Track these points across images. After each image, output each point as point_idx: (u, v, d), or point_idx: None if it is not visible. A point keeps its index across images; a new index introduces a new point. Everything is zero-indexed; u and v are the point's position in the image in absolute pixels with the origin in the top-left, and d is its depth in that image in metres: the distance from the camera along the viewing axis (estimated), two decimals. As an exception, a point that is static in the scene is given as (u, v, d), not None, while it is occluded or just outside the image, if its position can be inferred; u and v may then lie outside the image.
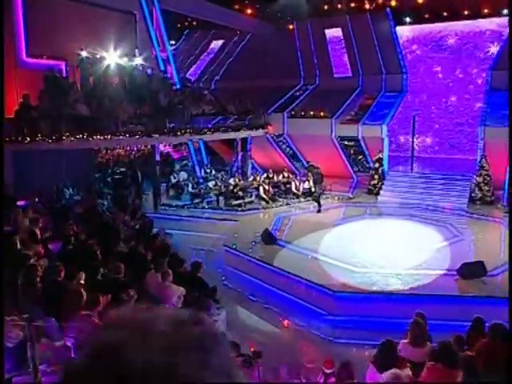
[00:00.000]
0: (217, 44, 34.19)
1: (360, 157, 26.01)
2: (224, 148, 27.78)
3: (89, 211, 15.10)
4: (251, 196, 21.08)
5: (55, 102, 16.36)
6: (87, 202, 15.50)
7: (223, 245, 15.83)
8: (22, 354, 5.99)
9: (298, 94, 28.53)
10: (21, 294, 8.08)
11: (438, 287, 11.86)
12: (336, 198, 22.18)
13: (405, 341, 7.18)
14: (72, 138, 15.61)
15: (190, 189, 21.00)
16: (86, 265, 9.23)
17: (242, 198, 20.61)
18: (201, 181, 22.22)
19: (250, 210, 20.15)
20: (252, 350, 8.34)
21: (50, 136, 15.38)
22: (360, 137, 23.82)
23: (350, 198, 22.13)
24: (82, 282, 8.16)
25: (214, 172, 23.87)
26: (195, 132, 19.21)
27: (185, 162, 26.68)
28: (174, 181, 21.80)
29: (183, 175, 22.50)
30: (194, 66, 33.23)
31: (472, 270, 11.79)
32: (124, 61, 20.50)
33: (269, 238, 15.46)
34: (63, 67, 19.37)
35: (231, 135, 22.04)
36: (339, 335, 10.79)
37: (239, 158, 24.49)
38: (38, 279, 7.86)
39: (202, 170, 24.04)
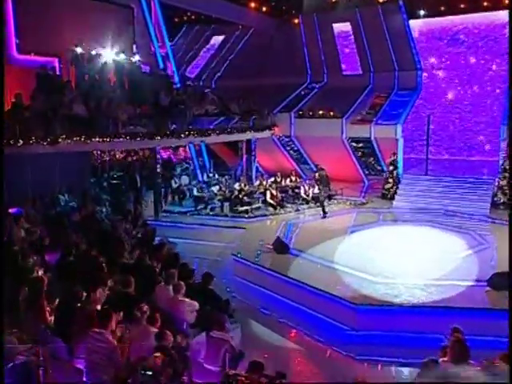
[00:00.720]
0: (217, 40, 34.06)
1: (371, 159, 25.89)
2: (226, 150, 27.67)
3: (87, 219, 14.91)
4: (258, 202, 20.85)
5: (50, 101, 16.13)
6: (85, 209, 15.26)
7: (231, 254, 15.61)
8: (30, 378, 5.78)
9: (304, 92, 28.44)
10: (23, 311, 7.89)
11: (468, 299, 11.66)
12: (348, 203, 22.08)
13: (445, 359, 6.98)
14: (69, 141, 15.38)
15: (195, 193, 20.77)
16: (92, 278, 9.03)
17: (249, 203, 20.40)
18: (203, 186, 21.99)
19: (257, 216, 19.99)
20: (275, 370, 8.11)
21: (44, 138, 15.13)
22: (373, 138, 23.69)
23: (363, 204, 21.99)
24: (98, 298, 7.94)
25: (217, 176, 23.70)
26: (199, 134, 19.01)
27: (185, 165, 26.47)
28: (175, 186, 21.63)
29: (185, 180, 22.32)
30: (193, 64, 33.10)
31: (504, 281, 11.60)
32: (121, 58, 20.32)
33: (281, 246, 15.28)
34: (56, 64, 19.16)
35: (236, 137, 21.86)
36: (363, 352, 10.59)
37: (244, 161, 24.30)
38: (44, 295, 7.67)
39: (205, 174, 23.84)
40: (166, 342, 6.77)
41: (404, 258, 14.64)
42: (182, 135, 18.39)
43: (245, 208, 20.19)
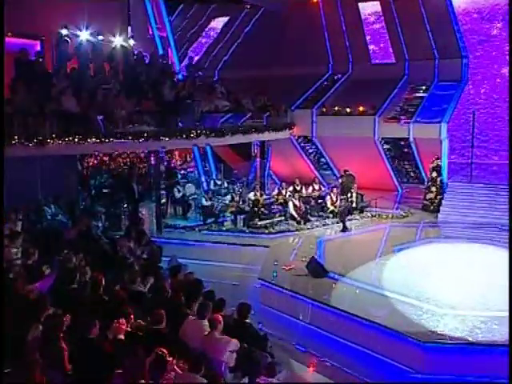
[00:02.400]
0: (219, 22, 33.70)
1: (406, 164, 25.59)
2: (231, 153, 27.28)
3: (84, 237, 14.43)
4: (280, 214, 20.42)
5: (34, 93, 15.69)
6: (80, 224, 14.76)
7: (258, 278, 15.18)
8: None
9: (325, 85, 28.22)
10: (32, 354, 7.38)
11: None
12: (384, 216, 21.68)
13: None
14: (59, 142, 14.90)
15: (204, 203, 20.35)
16: (111, 312, 8.56)
17: (269, 216, 19.97)
18: (212, 196, 21.58)
19: (279, 232, 19.63)
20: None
21: (30, 138, 14.65)
22: (411, 138, 23.34)
23: (403, 217, 21.58)
24: (121, 336, 7.46)
25: (225, 184, 23.27)
26: (212, 134, 18.59)
27: (184, 171, 26.12)
28: (178, 195, 21.17)
29: (190, 188, 21.90)
30: (190, 51, 32.69)
31: None
32: (116, 42, 19.96)
33: (317, 269, 14.92)
34: (38, 48, 18.72)
35: (253, 137, 21.45)
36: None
37: (257, 166, 23.93)
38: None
39: (211, 182, 23.43)
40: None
41: (466, 283, 14.25)
42: (193, 135, 17.89)
43: (264, 222, 19.79)
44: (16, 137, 14.53)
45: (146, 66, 20.43)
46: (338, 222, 20.62)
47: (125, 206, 19.82)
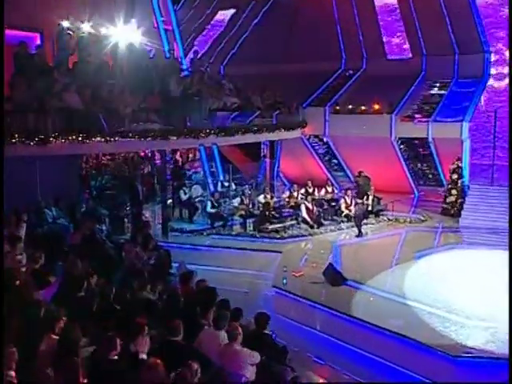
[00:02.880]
0: (225, 15, 33.58)
1: (424, 165, 25.50)
2: (238, 154, 27.17)
3: (89, 241, 14.32)
4: (292, 218, 20.35)
5: (35, 89, 15.55)
6: (84, 228, 14.64)
7: (272, 286, 15.09)
8: None
9: (337, 82, 28.09)
10: (43, 368, 7.26)
11: None
12: (402, 220, 21.66)
13: None
14: (63, 140, 14.76)
15: (209, 208, 20.26)
16: (124, 323, 8.44)
17: (281, 220, 19.89)
18: (220, 198, 21.51)
19: (291, 237, 19.60)
20: None
21: (31, 137, 14.51)
22: (430, 138, 23.24)
23: (422, 221, 21.52)
24: (143, 355, 7.34)
25: (234, 186, 23.19)
26: (222, 133, 18.50)
27: (189, 172, 26.06)
28: (184, 197, 21.07)
29: (197, 190, 21.83)
30: (194, 45, 32.54)
31: None
32: (119, 35, 19.81)
33: (335, 276, 14.86)
34: (38, 41, 18.58)
35: (264, 137, 21.41)
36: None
37: (267, 167, 23.84)
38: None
39: (219, 183, 23.35)
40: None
41: (494, 293, 14.05)
42: (202, 134, 17.78)
43: (276, 226, 19.73)
44: (16, 135, 14.28)
45: (152, 60, 20.22)
46: (352, 227, 20.51)
47: (128, 208, 19.75)
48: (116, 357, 6.99)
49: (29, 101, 15.22)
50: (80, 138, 15.09)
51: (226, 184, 23.34)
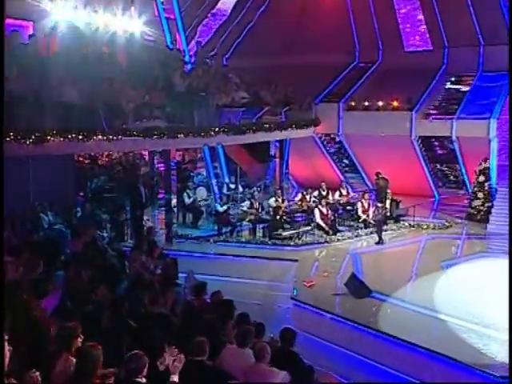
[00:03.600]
0: (227, 3, 33.42)
1: (444, 166, 25.41)
2: (243, 154, 26.98)
3: (90, 249, 14.15)
4: (306, 224, 20.24)
5: (30, 82, 15.38)
6: (85, 235, 14.46)
7: (291, 298, 14.97)
8: None
9: (351, 76, 27.98)
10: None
11: None
12: (424, 226, 21.60)
13: None
14: (61, 139, 14.59)
15: (219, 209, 20.16)
16: (141, 341, 8.27)
17: (295, 226, 19.82)
18: (227, 201, 21.41)
19: (307, 244, 19.55)
20: None
21: (27, 135, 14.32)
22: (454, 137, 23.12)
23: (447, 227, 21.42)
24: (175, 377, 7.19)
25: (240, 188, 23.04)
26: (232, 131, 18.39)
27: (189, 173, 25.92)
28: (188, 200, 20.92)
29: (202, 193, 21.70)
30: (196, 35, 32.41)
31: None
32: (118, 24, 19.73)
33: (359, 287, 14.71)
34: (30, 30, 18.46)
35: (276, 135, 21.32)
36: None
37: (277, 168, 23.74)
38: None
39: (224, 186, 23.22)
40: None
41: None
42: (212, 133, 17.65)
43: (289, 233, 19.61)
44: (11, 133, 14.10)
45: (154, 52, 20.12)
46: (371, 233, 20.41)
47: (127, 212, 19.63)
48: (144, 379, 6.79)
49: (23, 94, 15.02)
50: (80, 137, 14.89)
51: (233, 186, 23.13)
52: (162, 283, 13.13)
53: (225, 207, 20.44)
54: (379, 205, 20.59)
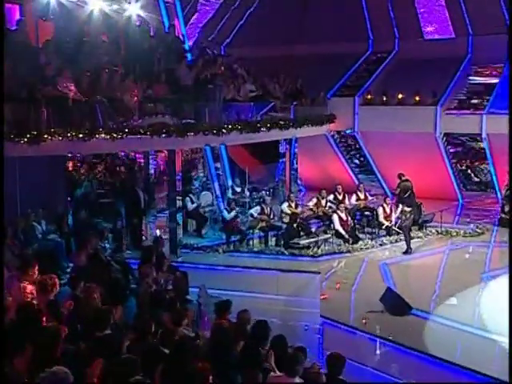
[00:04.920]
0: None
1: (473, 166, 25.25)
2: (243, 154, 26.65)
3: (96, 263, 13.76)
4: (326, 231, 20.07)
5: (24, 74, 14.94)
6: (89, 247, 14.03)
7: (321, 316, 14.69)
8: None
9: (365, 67, 27.83)
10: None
11: None
12: (454, 232, 21.42)
13: None
14: (59, 138, 14.16)
15: (226, 216, 19.92)
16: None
17: (314, 234, 19.56)
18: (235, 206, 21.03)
19: (327, 254, 19.31)
20: None
21: (22, 133, 13.88)
22: (484, 134, 22.95)
23: (479, 234, 21.20)
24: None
25: (247, 192, 22.69)
26: (247, 128, 18.10)
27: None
28: (191, 206, 20.52)
29: (207, 197, 21.38)
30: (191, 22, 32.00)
31: None
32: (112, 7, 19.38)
33: (397, 304, 14.41)
34: (17, 14, 18.03)
35: (290, 133, 21.08)
36: None
37: (287, 169, 23.49)
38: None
39: (229, 189, 22.91)
40: None
41: None
42: (224, 130, 17.32)
43: (308, 241, 19.35)
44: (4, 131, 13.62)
45: (154, 40, 19.77)
46: (396, 241, 20.17)
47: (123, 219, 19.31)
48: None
49: (16, 88, 14.57)
50: (80, 135, 14.46)
51: (238, 189, 22.76)
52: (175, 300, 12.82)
53: (233, 214, 19.92)
54: (407, 209, 20.28)
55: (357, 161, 26.96)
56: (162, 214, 22.51)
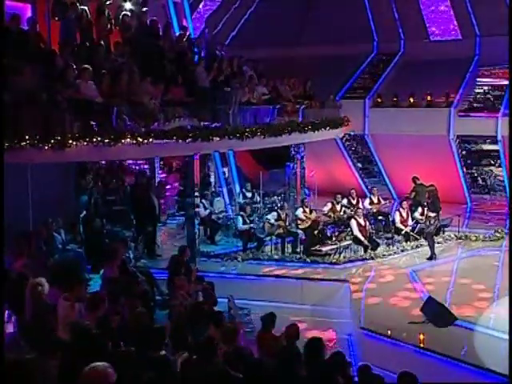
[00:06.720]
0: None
1: (485, 169, 24.98)
2: (247, 159, 26.22)
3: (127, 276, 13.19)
4: (346, 237, 19.75)
5: (43, 76, 14.31)
6: (117, 257, 13.41)
7: (360, 327, 14.19)
8: None
9: (371, 69, 27.47)
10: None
11: None
12: (473, 237, 21.06)
13: None
14: (84, 143, 13.53)
15: (240, 225, 19.60)
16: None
17: (335, 241, 19.32)
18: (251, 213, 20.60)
19: (349, 261, 18.84)
20: None
21: (45, 139, 13.20)
22: (500, 136, 22.69)
23: (498, 238, 20.85)
24: None
25: (258, 198, 22.20)
26: (268, 132, 17.69)
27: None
28: (204, 212, 19.98)
29: (219, 204, 20.97)
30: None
31: None
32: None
33: (441, 313, 13.92)
34: (29, 14, 17.53)
35: (308, 136, 20.82)
36: None
37: (297, 173, 23.08)
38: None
39: (240, 194, 22.43)
40: None
41: None
42: (247, 134, 16.85)
43: (330, 248, 18.99)
44: (27, 137, 12.96)
45: (166, 40, 19.21)
46: (417, 247, 19.80)
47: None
48: None
49: (36, 91, 13.90)
50: (106, 140, 13.82)
51: (249, 195, 22.24)
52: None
53: (246, 227, 19.52)
54: (432, 214, 19.95)
55: (368, 164, 26.45)
56: (170, 221, 22.13)
